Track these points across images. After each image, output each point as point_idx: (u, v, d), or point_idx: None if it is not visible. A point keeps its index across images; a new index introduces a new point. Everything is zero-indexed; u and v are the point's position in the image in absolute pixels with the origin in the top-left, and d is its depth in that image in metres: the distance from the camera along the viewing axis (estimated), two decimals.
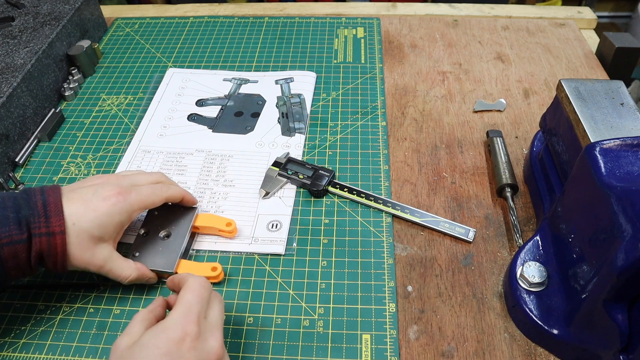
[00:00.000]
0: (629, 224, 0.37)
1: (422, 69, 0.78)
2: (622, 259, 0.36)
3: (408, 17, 0.90)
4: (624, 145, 0.43)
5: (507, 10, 0.92)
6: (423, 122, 0.69)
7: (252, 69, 0.79)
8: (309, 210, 0.58)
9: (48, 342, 0.48)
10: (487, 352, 0.46)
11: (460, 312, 0.49)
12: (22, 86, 0.65)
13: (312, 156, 0.65)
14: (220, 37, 0.86)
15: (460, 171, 0.63)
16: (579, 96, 0.49)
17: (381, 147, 0.65)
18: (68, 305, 0.51)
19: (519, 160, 0.64)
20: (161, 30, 0.88)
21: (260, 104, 0.72)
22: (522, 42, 0.83)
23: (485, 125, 0.69)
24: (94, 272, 0.47)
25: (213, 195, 0.60)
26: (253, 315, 0.49)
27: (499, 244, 0.55)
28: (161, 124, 0.69)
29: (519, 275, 0.48)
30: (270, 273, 0.53)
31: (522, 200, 0.59)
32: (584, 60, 0.79)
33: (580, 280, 0.43)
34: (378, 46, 0.82)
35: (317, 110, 0.71)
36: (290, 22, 0.89)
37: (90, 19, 0.83)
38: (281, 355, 0.46)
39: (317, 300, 0.50)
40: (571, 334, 0.44)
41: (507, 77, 0.76)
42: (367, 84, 0.75)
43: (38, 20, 0.74)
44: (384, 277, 0.52)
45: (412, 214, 0.57)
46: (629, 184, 0.40)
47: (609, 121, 0.46)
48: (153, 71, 0.79)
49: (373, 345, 0.47)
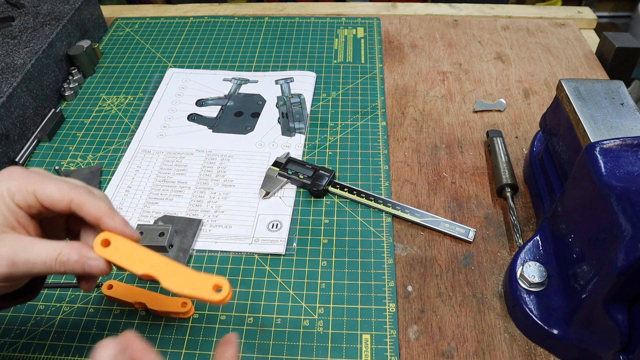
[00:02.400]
0: (629, 224, 0.37)
1: (422, 69, 0.78)
2: (622, 259, 0.36)
3: (408, 17, 0.90)
4: (624, 145, 0.43)
5: (507, 10, 0.92)
6: (423, 122, 0.69)
7: (252, 69, 0.79)
8: (309, 210, 0.58)
9: (48, 342, 0.48)
10: (487, 352, 0.46)
11: (460, 312, 0.49)
12: (22, 86, 0.65)
13: (312, 156, 0.65)
14: (220, 37, 0.86)
15: (460, 171, 0.63)
16: (579, 96, 0.49)
17: (381, 147, 0.65)
18: (68, 305, 0.51)
19: (519, 160, 0.64)
20: (161, 30, 0.88)
21: (260, 104, 0.72)
22: (522, 42, 0.83)
23: (485, 125, 0.69)
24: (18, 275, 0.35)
25: (213, 195, 0.60)
26: (253, 315, 0.49)
27: (499, 244, 0.55)
28: (161, 124, 0.69)
29: (519, 275, 0.48)
30: (270, 273, 0.53)
31: (522, 200, 0.59)
32: (584, 60, 0.79)
33: (580, 280, 0.43)
34: (378, 46, 0.82)
35: (317, 110, 0.71)
36: (290, 22, 0.89)
37: (90, 19, 0.83)
38: (281, 355, 0.46)
39: (317, 300, 0.50)
40: (571, 334, 0.44)
41: (507, 77, 0.76)
42: (367, 84, 0.75)
43: (38, 20, 0.74)
44: (384, 277, 0.52)
45: (412, 214, 0.57)
46: (629, 184, 0.40)
47: (609, 121, 0.46)
48: (153, 71, 0.79)
49: (373, 345, 0.47)
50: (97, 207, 0.37)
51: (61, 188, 0.36)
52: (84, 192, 0.37)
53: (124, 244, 0.38)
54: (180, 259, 0.53)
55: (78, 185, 0.38)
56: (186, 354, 0.47)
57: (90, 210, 0.37)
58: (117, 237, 0.37)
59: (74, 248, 0.36)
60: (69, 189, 0.37)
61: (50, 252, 0.35)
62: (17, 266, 0.35)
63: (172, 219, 0.56)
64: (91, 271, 0.37)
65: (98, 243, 0.37)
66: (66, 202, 0.36)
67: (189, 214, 0.58)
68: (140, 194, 0.60)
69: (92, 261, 0.37)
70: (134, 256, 0.37)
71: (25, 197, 0.36)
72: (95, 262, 0.37)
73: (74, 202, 0.37)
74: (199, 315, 0.49)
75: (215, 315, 0.49)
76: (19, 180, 0.36)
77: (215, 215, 0.58)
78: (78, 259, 0.36)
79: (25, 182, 0.36)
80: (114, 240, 0.37)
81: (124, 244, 0.38)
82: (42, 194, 0.36)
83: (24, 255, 0.35)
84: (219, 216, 0.58)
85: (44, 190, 0.36)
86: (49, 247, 0.36)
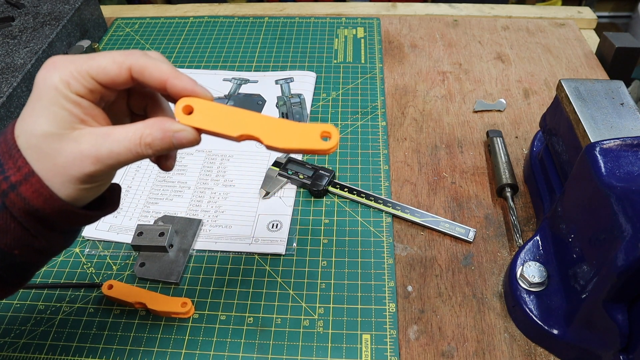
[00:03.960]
0: (629, 224, 0.37)
1: (422, 69, 0.78)
2: (622, 259, 0.36)
3: (408, 17, 0.90)
4: (624, 145, 0.43)
5: (507, 10, 0.92)
6: (423, 122, 0.69)
7: (252, 69, 0.79)
8: (309, 210, 0.58)
9: (48, 342, 0.48)
10: (487, 352, 0.46)
11: (460, 312, 0.49)
12: (22, 86, 0.65)
13: (312, 156, 0.65)
14: (220, 37, 0.86)
15: (460, 171, 0.63)
16: (579, 96, 0.49)
17: (381, 147, 0.65)
18: (68, 305, 0.51)
19: (519, 160, 0.64)
20: (161, 30, 0.88)
21: (260, 104, 0.72)
22: (522, 42, 0.83)
23: (485, 125, 0.69)
24: (105, 170, 0.32)
25: (213, 195, 0.60)
26: (253, 315, 0.49)
27: (499, 244, 0.55)
28: None
29: (519, 275, 0.48)
30: (270, 273, 0.53)
31: (522, 200, 0.59)
32: (584, 60, 0.79)
33: (580, 280, 0.43)
34: (378, 46, 0.82)
35: (317, 110, 0.71)
36: (290, 22, 0.89)
37: (90, 19, 0.83)
38: (281, 355, 0.46)
39: (317, 300, 0.50)
40: (571, 334, 0.44)
41: (507, 77, 0.76)
42: (367, 84, 0.75)
43: (38, 20, 0.74)
44: (384, 277, 0.52)
45: (412, 214, 0.57)
46: (629, 184, 0.40)
47: (609, 121, 0.46)
48: None
49: (373, 345, 0.47)
50: (159, 69, 0.33)
51: (115, 58, 0.32)
52: (141, 55, 0.33)
53: (208, 106, 0.33)
54: (180, 259, 0.53)
55: (130, 51, 0.33)
56: (186, 354, 0.47)
57: (153, 73, 0.33)
58: (198, 101, 0.33)
59: (155, 125, 0.33)
60: (123, 56, 0.32)
61: (131, 137, 0.32)
62: (103, 160, 0.32)
63: (172, 219, 0.56)
64: (181, 144, 0.33)
65: (180, 111, 0.33)
66: (125, 72, 0.32)
67: (189, 214, 0.58)
68: (140, 194, 0.60)
69: (179, 134, 0.33)
70: (223, 118, 0.33)
71: (82, 83, 0.32)
72: (183, 133, 0.33)
73: (133, 68, 0.32)
74: (199, 315, 0.49)
75: (215, 315, 0.49)
76: (68, 66, 0.32)
77: (215, 215, 0.58)
78: (163, 136, 0.32)
79: (75, 65, 0.32)
80: (196, 105, 0.33)
81: (209, 107, 0.33)
82: (97, 71, 0.32)
83: (105, 147, 0.32)
84: (219, 216, 0.58)
85: (98, 67, 0.32)
86: (128, 132, 0.32)
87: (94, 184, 0.33)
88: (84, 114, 0.32)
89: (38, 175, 0.31)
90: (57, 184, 0.31)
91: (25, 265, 0.34)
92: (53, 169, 0.31)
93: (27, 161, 0.31)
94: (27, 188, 0.31)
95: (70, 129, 0.31)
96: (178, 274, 0.51)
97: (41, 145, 0.31)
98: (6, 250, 0.32)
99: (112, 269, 0.53)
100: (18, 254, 0.33)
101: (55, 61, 0.32)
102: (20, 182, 0.31)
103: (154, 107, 0.36)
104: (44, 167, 0.31)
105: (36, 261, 0.35)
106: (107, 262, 0.54)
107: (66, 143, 0.31)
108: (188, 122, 0.33)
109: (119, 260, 0.54)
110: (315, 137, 0.33)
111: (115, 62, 0.32)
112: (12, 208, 0.31)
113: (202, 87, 0.34)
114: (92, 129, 0.32)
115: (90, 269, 0.53)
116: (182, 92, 0.33)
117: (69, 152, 0.31)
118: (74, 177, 0.32)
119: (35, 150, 0.31)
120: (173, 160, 0.38)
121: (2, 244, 0.32)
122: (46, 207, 0.31)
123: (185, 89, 0.33)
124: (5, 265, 0.33)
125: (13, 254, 0.32)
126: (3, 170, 0.31)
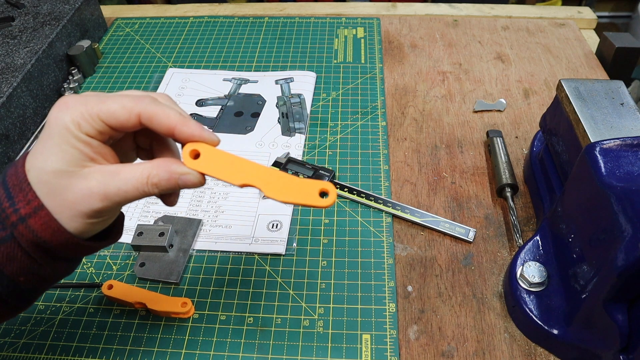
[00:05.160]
0: (629, 224, 0.37)
1: (422, 69, 0.78)
2: (622, 259, 0.36)
3: (408, 17, 0.90)
4: (624, 145, 0.43)
5: (507, 10, 0.92)
6: (423, 122, 0.69)
7: (252, 69, 0.79)
8: (309, 210, 0.58)
9: (48, 342, 0.48)
10: (487, 352, 0.46)
11: (460, 312, 0.49)
12: (22, 86, 0.65)
13: (312, 156, 0.65)
14: (220, 37, 0.86)
15: (460, 171, 0.63)
16: (579, 96, 0.49)
17: (381, 147, 0.65)
18: (68, 305, 0.51)
19: (519, 160, 0.64)
20: (161, 30, 0.88)
21: (260, 104, 0.72)
22: (522, 42, 0.83)
23: (485, 125, 0.69)
24: (112, 206, 0.34)
25: (213, 195, 0.60)
26: (253, 315, 0.49)
27: (499, 244, 0.55)
28: None
29: (519, 275, 0.48)
30: (270, 273, 0.53)
31: (522, 200, 0.59)
32: (584, 60, 0.79)
33: (580, 280, 0.43)
34: (378, 46, 0.82)
35: (317, 110, 0.71)
36: (290, 22, 0.89)
37: (90, 19, 0.83)
38: (281, 355, 0.46)
39: (317, 300, 0.50)
40: (571, 334, 0.44)
41: (507, 77, 0.76)
42: (367, 84, 0.75)
43: (38, 20, 0.74)
44: (384, 277, 0.52)
45: (412, 214, 0.57)
46: (629, 184, 0.40)
47: (609, 121, 0.46)
48: (153, 71, 0.79)
49: (373, 345, 0.47)
50: (167, 117, 0.34)
51: (124, 104, 0.33)
52: (150, 102, 0.34)
53: (215, 153, 0.35)
54: (180, 259, 0.53)
55: (140, 96, 0.34)
56: (186, 354, 0.47)
57: (162, 121, 0.34)
58: (205, 147, 0.35)
59: (162, 167, 0.34)
60: (132, 102, 0.33)
61: (138, 177, 0.33)
62: (111, 198, 0.33)
63: (172, 219, 0.56)
64: (186, 186, 0.35)
65: (187, 156, 0.34)
66: (134, 118, 0.33)
67: (189, 214, 0.58)
68: None
69: (185, 177, 0.35)
70: (228, 166, 0.35)
71: (92, 124, 0.33)
72: (189, 177, 0.35)
73: (142, 115, 0.33)
74: (199, 315, 0.49)
75: (215, 315, 0.49)
76: (78, 107, 0.33)
77: (215, 215, 0.58)
78: (169, 177, 0.34)
79: (86, 107, 0.33)
80: (202, 150, 0.35)
81: (215, 154, 0.35)
82: (107, 115, 0.33)
83: (113, 185, 0.33)
84: (219, 216, 0.58)
85: (107, 111, 0.33)
86: (136, 172, 0.34)
87: (100, 218, 0.34)
88: (93, 153, 0.33)
89: (47, 209, 0.32)
90: (66, 218, 0.33)
91: (29, 291, 0.35)
92: (62, 204, 0.32)
93: (37, 195, 0.32)
94: (35, 221, 0.32)
95: (80, 167, 0.33)
96: (178, 274, 0.51)
97: (51, 181, 0.32)
98: (12, 278, 0.33)
99: (112, 269, 0.53)
100: (23, 280, 0.34)
101: (68, 101, 0.33)
102: (30, 215, 0.32)
103: (160, 145, 0.38)
104: (53, 201, 0.32)
105: (40, 287, 0.36)
106: (107, 262, 0.54)
107: (76, 180, 0.33)
108: (194, 167, 0.35)
109: (119, 260, 0.54)
110: (313, 193, 0.35)
111: (124, 108, 0.33)
112: (21, 239, 0.32)
113: (209, 132, 0.36)
114: (101, 167, 0.34)
115: (90, 269, 0.53)
116: (190, 139, 0.35)
117: (78, 189, 0.33)
118: (82, 212, 0.33)
119: (45, 186, 0.32)
120: (176, 197, 0.40)
121: (8, 271, 0.33)
122: (53, 240, 0.33)
123: (193, 135, 0.35)
124: (9, 291, 0.34)
125: (18, 281, 0.34)
126: (13, 202, 0.32)
